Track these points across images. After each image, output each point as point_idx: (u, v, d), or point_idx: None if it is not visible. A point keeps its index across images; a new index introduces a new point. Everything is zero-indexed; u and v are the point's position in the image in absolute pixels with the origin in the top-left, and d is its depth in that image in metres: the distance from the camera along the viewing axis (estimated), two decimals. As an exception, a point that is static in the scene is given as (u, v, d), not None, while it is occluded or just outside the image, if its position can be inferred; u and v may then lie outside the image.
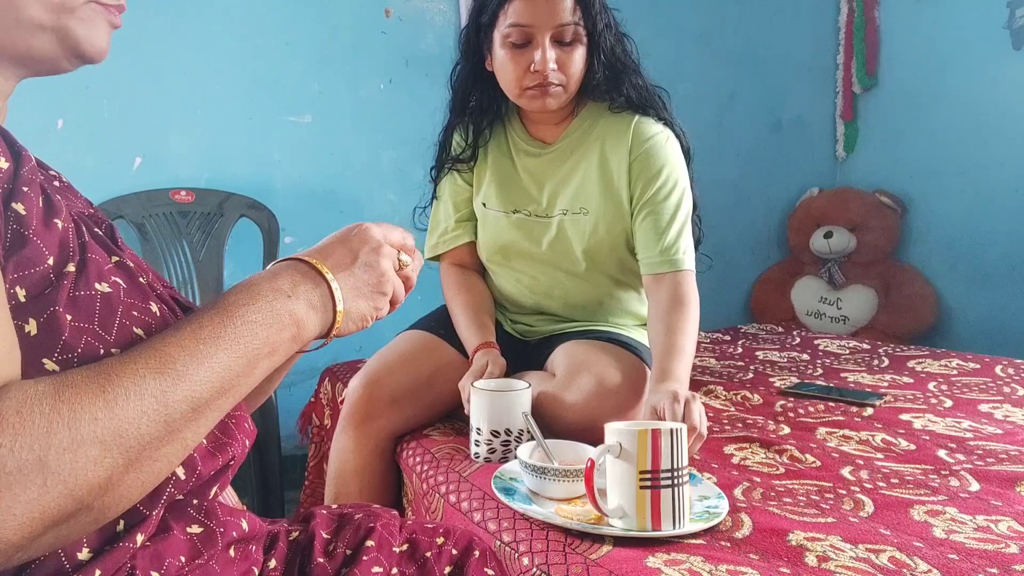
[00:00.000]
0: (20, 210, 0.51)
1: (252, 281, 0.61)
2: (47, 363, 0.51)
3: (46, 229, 0.53)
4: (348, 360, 1.83)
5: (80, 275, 0.54)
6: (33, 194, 0.53)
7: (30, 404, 0.45)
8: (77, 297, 0.53)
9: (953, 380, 1.67)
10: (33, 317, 0.51)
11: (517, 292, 1.52)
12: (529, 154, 1.48)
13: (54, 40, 0.58)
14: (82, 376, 0.48)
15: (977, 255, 2.71)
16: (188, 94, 2.08)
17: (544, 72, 1.33)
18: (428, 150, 1.60)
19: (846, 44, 2.98)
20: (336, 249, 0.68)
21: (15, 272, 0.50)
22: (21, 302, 0.51)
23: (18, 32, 0.56)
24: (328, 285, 0.64)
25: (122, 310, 0.55)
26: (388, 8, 2.32)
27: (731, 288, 3.08)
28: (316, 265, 0.64)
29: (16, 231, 0.51)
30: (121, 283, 0.57)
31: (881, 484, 1.11)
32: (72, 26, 0.58)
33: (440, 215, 1.57)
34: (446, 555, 0.77)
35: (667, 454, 0.90)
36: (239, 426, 0.65)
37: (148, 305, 0.58)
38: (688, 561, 0.86)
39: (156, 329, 0.57)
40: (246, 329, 0.56)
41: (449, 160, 1.54)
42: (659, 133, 1.40)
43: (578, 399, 1.23)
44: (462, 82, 1.50)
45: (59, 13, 0.57)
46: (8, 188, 0.52)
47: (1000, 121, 2.60)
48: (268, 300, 0.59)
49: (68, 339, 0.51)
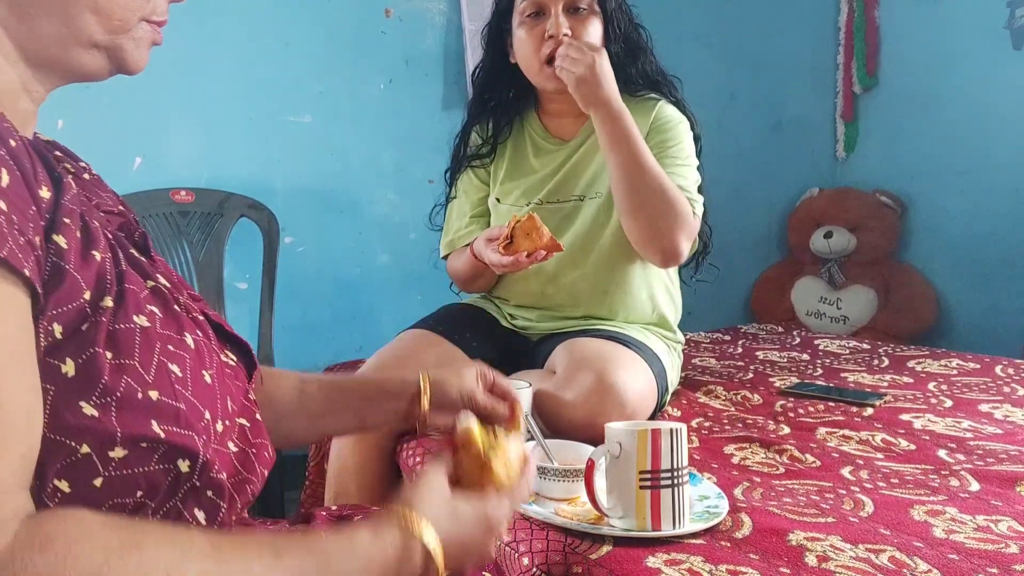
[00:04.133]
0: (61, 243, 0.51)
1: (359, 544, 0.57)
2: (85, 406, 0.50)
3: (84, 262, 0.53)
4: (348, 360, 1.83)
5: (119, 308, 0.54)
6: (73, 224, 0.53)
7: (87, 546, 0.43)
8: (116, 332, 0.53)
9: (953, 380, 1.67)
10: (71, 357, 0.50)
11: (523, 280, 1.52)
12: (546, 151, 1.50)
13: (104, 57, 0.60)
14: (152, 556, 0.46)
15: (977, 255, 2.70)
16: (188, 94, 2.08)
17: (557, 36, 1.37)
18: (428, 150, 1.62)
19: (846, 44, 2.97)
20: (464, 549, 0.64)
21: (54, 308, 0.50)
22: (57, 339, 0.50)
23: (74, 49, 0.58)
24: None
25: (159, 346, 0.55)
26: (388, 8, 2.32)
27: (731, 288, 3.08)
28: (437, 565, 0.60)
29: (55, 264, 0.51)
30: (157, 312, 0.57)
31: (881, 484, 1.11)
32: (124, 45, 0.60)
33: (455, 213, 1.59)
34: None
35: (667, 454, 0.90)
36: (259, 456, 0.64)
37: (183, 337, 0.58)
38: (688, 561, 0.86)
39: (191, 366, 0.57)
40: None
41: (467, 157, 1.56)
42: (682, 121, 1.47)
43: (578, 396, 1.23)
44: (483, 78, 1.54)
45: (116, 33, 0.59)
46: (49, 219, 0.51)
47: (1000, 121, 2.60)
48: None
49: (108, 381, 0.51)
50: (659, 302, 1.51)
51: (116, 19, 0.58)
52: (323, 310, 2.29)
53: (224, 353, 0.66)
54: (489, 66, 1.54)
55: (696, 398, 1.56)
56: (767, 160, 3.08)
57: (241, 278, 2.15)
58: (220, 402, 0.60)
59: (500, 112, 1.55)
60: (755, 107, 3.04)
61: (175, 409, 0.55)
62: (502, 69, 1.51)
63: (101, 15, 0.57)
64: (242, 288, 2.15)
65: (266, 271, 2.05)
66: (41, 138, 0.67)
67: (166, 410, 0.54)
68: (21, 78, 0.58)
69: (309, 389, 0.87)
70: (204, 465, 0.56)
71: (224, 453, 0.59)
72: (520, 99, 1.55)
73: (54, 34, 0.57)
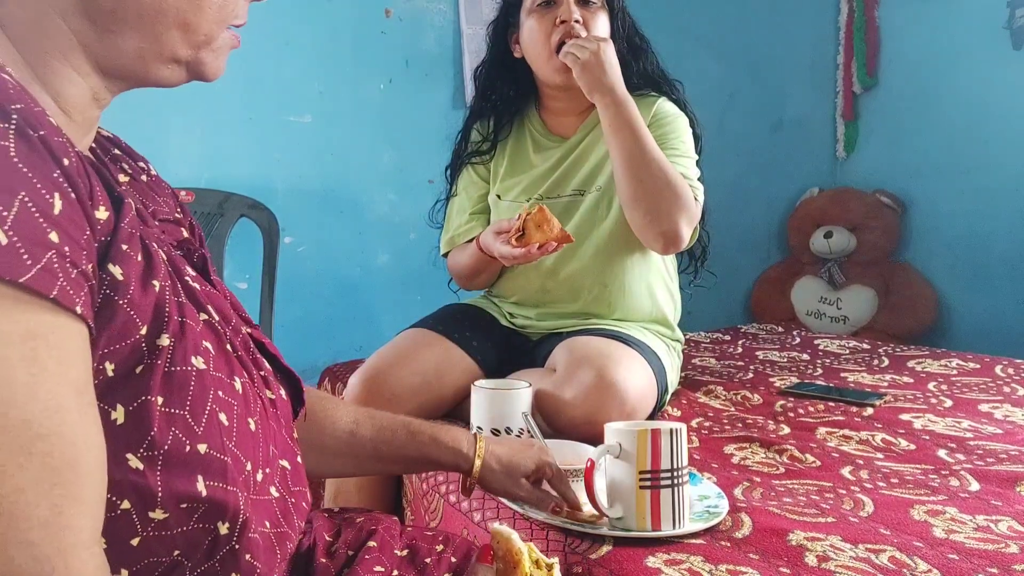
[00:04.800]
0: (117, 274, 0.49)
1: None
2: (131, 458, 0.48)
3: (143, 293, 0.50)
4: (348, 360, 1.83)
5: (177, 346, 0.51)
6: (133, 251, 0.50)
7: None
8: (172, 374, 0.51)
9: (953, 380, 1.67)
10: (122, 403, 0.48)
11: (523, 275, 1.52)
12: (546, 148, 1.51)
13: (184, 70, 0.58)
14: None
15: (977, 255, 2.70)
16: (188, 94, 2.05)
17: (569, 21, 1.39)
18: (428, 150, 1.62)
19: (846, 44, 2.98)
20: None
21: (105, 347, 0.48)
22: (109, 377, 0.48)
23: (155, 64, 0.56)
24: None
25: (212, 393, 0.53)
26: (388, 8, 2.32)
27: (731, 288, 3.08)
28: None
29: (108, 297, 0.48)
30: (211, 350, 0.55)
31: (881, 484, 1.11)
32: (204, 58, 0.58)
33: (455, 210, 1.60)
34: (445, 562, 0.77)
35: (667, 454, 0.90)
36: (297, 506, 0.63)
37: (233, 382, 0.56)
38: (688, 561, 0.86)
39: (238, 414, 0.55)
40: None
41: (467, 154, 1.56)
42: (681, 116, 1.48)
43: (578, 394, 1.23)
44: (486, 74, 1.56)
45: (199, 48, 0.56)
46: (105, 243, 0.49)
47: (1000, 121, 2.60)
48: None
49: (157, 433, 0.49)
50: (658, 298, 1.52)
51: (203, 34, 0.56)
52: (323, 310, 2.29)
53: (269, 388, 0.64)
54: (492, 62, 1.55)
55: (696, 398, 1.56)
56: (767, 160, 3.08)
57: (241, 278, 2.15)
58: (263, 449, 0.58)
59: (501, 109, 1.57)
60: (755, 107, 3.04)
61: (222, 463, 0.53)
62: (505, 65, 1.53)
63: (188, 31, 0.55)
64: (242, 288, 2.14)
65: (266, 271, 2.05)
66: (103, 134, 0.65)
67: (213, 465, 0.52)
68: (93, 89, 0.55)
69: (361, 434, 0.85)
70: (244, 524, 0.54)
71: (264, 503, 0.58)
72: (521, 97, 1.56)
73: (136, 50, 0.54)
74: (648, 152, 1.34)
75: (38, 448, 0.41)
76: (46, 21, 0.52)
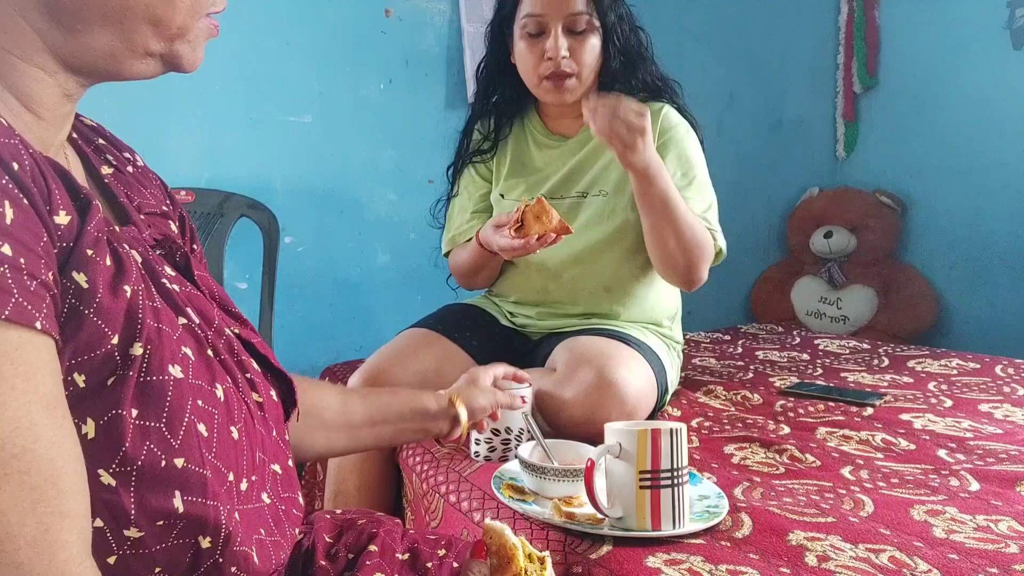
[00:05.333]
0: (81, 282, 0.47)
1: None
2: (103, 475, 0.47)
3: (113, 299, 0.48)
4: (348, 360, 1.83)
5: (152, 355, 0.49)
6: (99, 256, 0.48)
7: None
8: (147, 384, 0.49)
9: (953, 380, 1.67)
10: (92, 417, 0.47)
11: (524, 276, 1.52)
12: (548, 147, 1.51)
13: (159, 63, 0.56)
14: None
15: (977, 255, 2.70)
16: (188, 94, 2.07)
17: (556, 59, 1.38)
18: (428, 150, 1.62)
19: (846, 44, 2.97)
20: None
21: (72, 358, 0.46)
22: (80, 389, 0.46)
23: (127, 60, 0.54)
24: None
25: (191, 403, 0.51)
26: (388, 8, 2.32)
27: (731, 288, 3.08)
28: None
29: (73, 306, 0.46)
30: (190, 356, 0.53)
31: (881, 484, 1.11)
32: (180, 50, 0.56)
33: (456, 209, 1.60)
34: (447, 567, 0.77)
35: (667, 454, 0.90)
36: (288, 513, 0.62)
37: (214, 389, 0.54)
38: (688, 561, 0.86)
39: (219, 423, 0.53)
40: None
41: (468, 153, 1.57)
42: (689, 132, 1.47)
43: (578, 393, 1.23)
44: (486, 75, 1.56)
45: (173, 41, 0.55)
46: (67, 248, 0.47)
47: (1000, 121, 2.60)
48: None
49: (129, 448, 0.47)
50: (660, 301, 1.52)
51: (175, 27, 0.54)
52: (323, 310, 2.29)
53: (256, 391, 0.63)
54: (491, 63, 1.55)
55: (696, 398, 1.56)
56: (767, 160, 3.08)
57: (241, 278, 2.15)
58: (248, 457, 0.57)
59: (502, 108, 1.57)
60: (755, 107, 3.04)
61: (201, 477, 0.51)
62: (504, 67, 1.52)
63: (160, 26, 0.53)
64: (242, 288, 2.14)
65: (266, 271, 2.05)
66: (86, 123, 0.64)
67: (191, 479, 0.51)
68: (62, 86, 0.53)
69: (351, 402, 0.90)
70: (227, 538, 0.53)
71: (255, 511, 0.57)
72: (521, 97, 1.55)
73: (106, 47, 0.52)
74: (678, 220, 1.31)
75: (14, 468, 0.40)
76: (4, 20, 0.50)
